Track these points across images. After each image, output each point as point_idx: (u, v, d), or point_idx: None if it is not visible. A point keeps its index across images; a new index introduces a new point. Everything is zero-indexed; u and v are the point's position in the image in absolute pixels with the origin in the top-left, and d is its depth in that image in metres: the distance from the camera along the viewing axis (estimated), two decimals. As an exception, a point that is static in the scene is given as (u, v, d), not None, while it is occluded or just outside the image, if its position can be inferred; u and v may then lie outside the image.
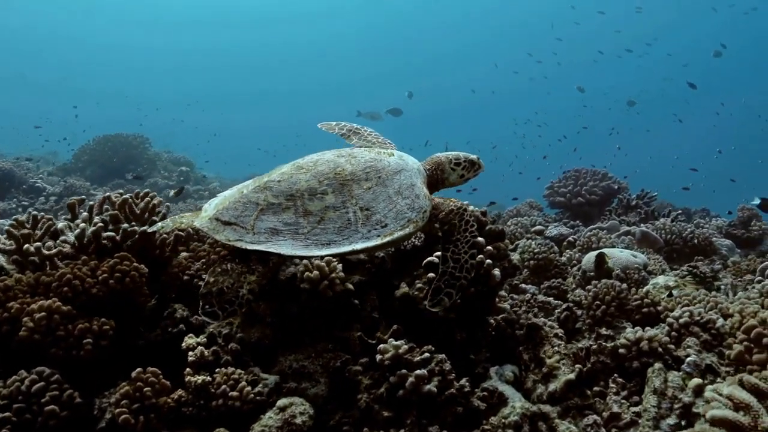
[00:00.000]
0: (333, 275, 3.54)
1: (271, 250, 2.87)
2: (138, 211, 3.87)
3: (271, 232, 2.91)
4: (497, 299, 4.84)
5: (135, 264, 3.47)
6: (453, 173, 3.66)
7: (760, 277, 5.66)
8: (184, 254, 4.27)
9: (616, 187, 10.74)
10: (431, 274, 3.61)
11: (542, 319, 4.30)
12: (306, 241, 2.89)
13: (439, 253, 3.52)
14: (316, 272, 3.51)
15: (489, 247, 3.79)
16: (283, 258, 3.15)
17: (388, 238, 3.01)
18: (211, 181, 19.57)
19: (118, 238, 3.66)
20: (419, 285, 3.72)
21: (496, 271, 3.70)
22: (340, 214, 2.98)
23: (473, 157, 3.72)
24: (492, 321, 3.89)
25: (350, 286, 3.68)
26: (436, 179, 3.64)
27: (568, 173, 11.21)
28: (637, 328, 3.80)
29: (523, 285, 5.94)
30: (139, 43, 74.41)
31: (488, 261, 3.68)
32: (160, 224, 3.33)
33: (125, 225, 3.72)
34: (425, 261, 3.71)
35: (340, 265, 3.65)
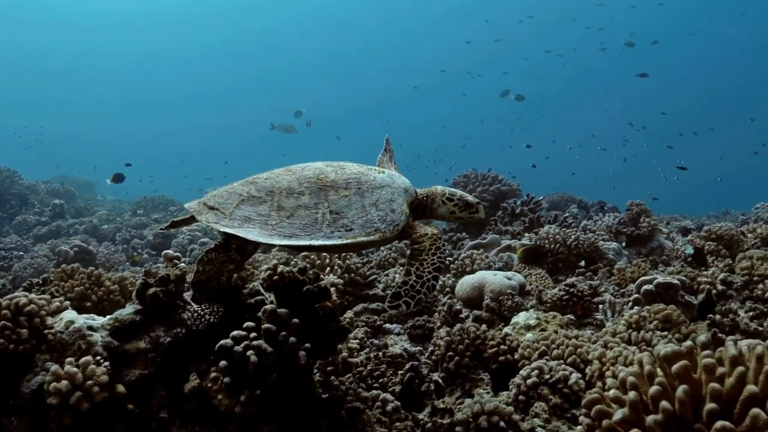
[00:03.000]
0: (89, 382, 2.82)
1: (239, 234, 3.08)
2: None
3: (244, 219, 3.14)
4: (348, 354, 4.28)
5: None
6: (443, 206, 3.70)
7: (636, 295, 5.24)
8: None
9: (506, 189, 10.28)
10: (224, 362, 2.97)
11: (375, 391, 3.67)
12: (271, 231, 3.11)
13: (235, 333, 3.04)
14: (65, 382, 2.78)
15: (296, 320, 3.14)
16: (254, 247, 3.29)
17: (349, 241, 3.14)
18: (98, 209, 18.22)
19: None
20: (213, 374, 3.06)
21: (302, 353, 3.06)
22: (310, 213, 3.16)
23: (471, 199, 3.75)
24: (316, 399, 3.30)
25: (121, 389, 2.99)
26: (425, 206, 3.70)
27: (457, 179, 10.68)
28: (476, 400, 3.25)
29: (388, 325, 5.34)
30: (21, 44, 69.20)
31: (292, 339, 3.05)
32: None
33: None
34: (218, 345, 3.04)
35: (103, 367, 2.92)
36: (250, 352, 2.96)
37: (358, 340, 4.75)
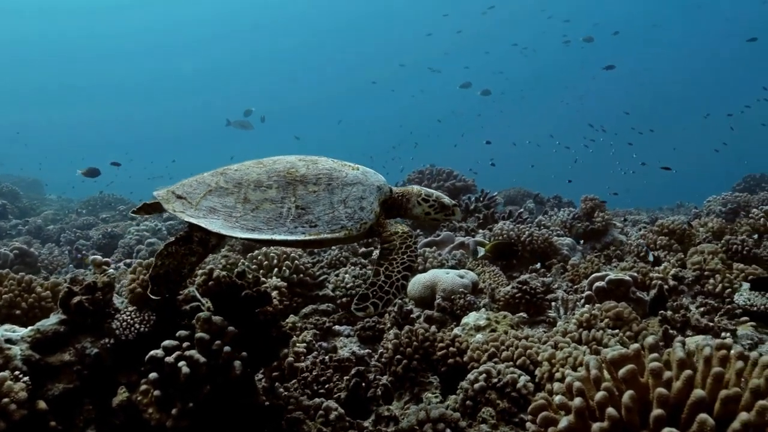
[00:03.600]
0: (6, 399, 2.61)
1: (202, 224, 3.01)
2: None
3: (209, 210, 3.07)
4: (293, 358, 4.15)
5: None
6: (417, 207, 3.59)
7: (588, 292, 5.20)
8: None
9: (461, 185, 10.19)
10: (154, 374, 2.80)
11: (317, 399, 3.52)
12: (234, 224, 3.02)
13: (166, 342, 2.91)
14: (-23, 400, 2.58)
15: (231, 327, 2.99)
16: (218, 239, 3.19)
17: (312, 237, 3.04)
18: (45, 209, 17.58)
19: None
20: (143, 387, 2.88)
21: (237, 363, 2.91)
22: (275, 207, 3.07)
23: (447, 200, 3.63)
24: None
25: (42, 406, 2.80)
26: (399, 205, 3.60)
27: (412, 175, 10.57)
28: (422, 407, 3.14)
29: (337, 327, 5.20)
30: None
31: (227, 348, 2.90)
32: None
33: None
34: (148, 355, 2.87)
35: (21, 382, 2.72)
36: (181, 363, 2.82)
37: (305, 344, 4.60)
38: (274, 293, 5.16)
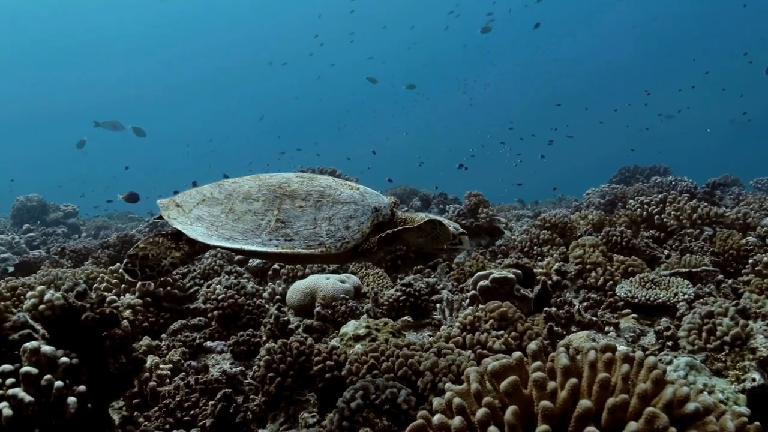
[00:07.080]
0: None
1: (185, 231, 3.04)
2: None
3: (197, 218, 3.09)
4: (156, 382, 3.73)
5: None
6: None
7: (473, 291, 5.04)
8: None
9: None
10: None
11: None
12: (213, 232, 3.02)
13: None
14: None
15: (64, 359, 2.56)
16: (202, 245, 3.12)
17: (285, 251, 2.97)
18: None
19: None
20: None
21: (72, 400, 2.50)
22: (256, 219, 3.05)
23: (452, 229, 3.31)
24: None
25: None
26: None
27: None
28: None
29: (209, 343, 4.78)
30: None
31: (58, 383, 2.49)
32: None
33: None
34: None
35: None
36: (2, 404, 2.37)
37: (171, 365, 4.17)
38: (128, 312, 4.67)
